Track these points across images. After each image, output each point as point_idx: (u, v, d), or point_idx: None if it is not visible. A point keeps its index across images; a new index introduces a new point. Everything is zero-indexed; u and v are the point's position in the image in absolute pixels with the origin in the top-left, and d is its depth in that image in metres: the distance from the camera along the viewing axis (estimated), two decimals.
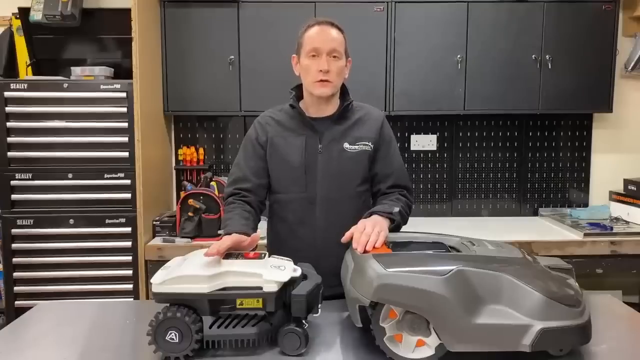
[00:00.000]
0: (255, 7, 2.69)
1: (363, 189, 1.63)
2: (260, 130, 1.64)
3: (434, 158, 3.09)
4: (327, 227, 1.56)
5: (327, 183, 1.57)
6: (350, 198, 1.59)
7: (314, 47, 1.52)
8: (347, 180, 1.59)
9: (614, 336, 1.25)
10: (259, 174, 1.62)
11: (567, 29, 2.73)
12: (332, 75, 1.53)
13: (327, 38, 1.52)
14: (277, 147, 1.60)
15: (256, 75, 2.71)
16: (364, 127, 1.61)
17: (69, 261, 2.55)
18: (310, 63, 1.53)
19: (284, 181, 1.61)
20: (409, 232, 1.40)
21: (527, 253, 1.24)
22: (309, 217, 1.58)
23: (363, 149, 1.59)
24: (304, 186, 1.58)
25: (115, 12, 2.76)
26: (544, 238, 2.56)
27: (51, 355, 1.18)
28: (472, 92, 2.74)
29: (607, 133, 3.10)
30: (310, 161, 1.58)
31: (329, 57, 1.52)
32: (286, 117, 1.64)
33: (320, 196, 1.57)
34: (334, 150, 1.58)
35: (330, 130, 1.59)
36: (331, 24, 1.55)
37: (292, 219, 1.61)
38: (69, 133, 2.53)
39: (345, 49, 1.58)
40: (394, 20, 2.70)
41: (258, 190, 1.62)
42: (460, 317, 1.04)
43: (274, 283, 1.12)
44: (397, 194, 1.61)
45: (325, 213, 1.57)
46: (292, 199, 1.60)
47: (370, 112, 1.66)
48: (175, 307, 1.12)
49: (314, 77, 1.53)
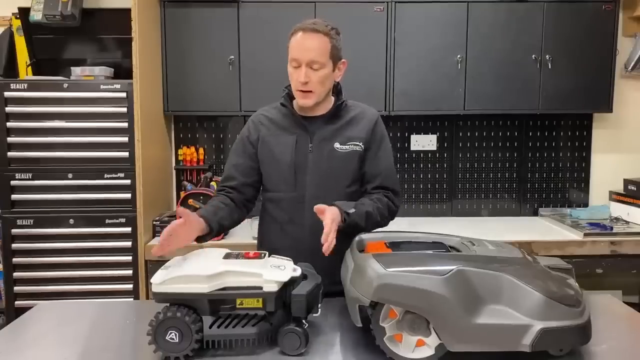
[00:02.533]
0: (255, 7, 2.69)
1: (353, 189, 1.61)
2: (252, 129, 1.64)
3: (434, 158, 3.09)
4: (316, 226, 1.52)
5: (316, 182, 1.57)
6: (339, 198, 1.57)
7: (293, 58, 1.51)
8: (336, 180, 1.58)
9: (614, 336, 1.25)
10: (246, 173, 1.63)
11: (567, 29, 2.73)
12: (312, 85, 1.50)
13: (306, 48, 1.48)
14: (268, 146, 1.60)
15: (256, 75, 2.71)
16: (356, 126, 1.60)
17: (69, 261, 2.55)
18: (292, 71, 1.53)
19: (274, 180, 1.61)
20: (409, 232, 1.40)
21: (527, 253, 1.24)
22: (298, 216, 1.58)
23: (354, 149, 1.58)
24: (294, 185, 1.58)
25: (115, 12, 2.75)
26: (544, 238, 2.56)
27: (51, 355, 1.18)
28: (472, 92, 2.74)
29: (607, 133, 3.10)
30: (300, 160, 1.57)
31: (308, 68, 1.49)
32: (279, 115, 1.63)
33: (309, 195, 1.57)
34: (324, 150, 1.57)
35: (321, 129, 1.58)
36: (315, 30, 1.49)
37: (282, 218, 1.61)
38: (69, 133, 2.53)
39: (333, 53, 1.52)
40: (394, 20, 2.70)
41: (243, 189, 1.62)
42: (460, 317, 1.04)
43: (274, 283, 1.13)
44: (381, 195, 1.59)
45: (314, 212, 1.54)
46: (282, 197, 1.60)
47: (364, 112, 1.64)
48: (175, 307, 1.12)
49: (296, 86, 1.53)
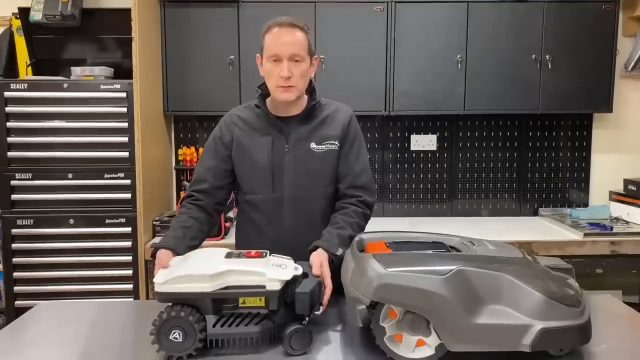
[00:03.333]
0: (255, 7, 2.69)
1: (331, 190, 1.59)
2: (225, 130, 1.61)
3: (434, 158, 3.09)
4: (295, 228, 1.54)
5: (294, 184, 1.55)
6: (318, 198, 1.56)
7: (274, 53, 1.48)
8: (314, 181, 1.56)
9: (614, 336, 1.25)
10: (218, 176, 1.59)
11: (567, 29, 2.73)
12: (294, 80, 1.49)
13: (287, 42, 1.47)
14: (243, 147, 1.58)
15: (256, 75, 2.68)
16: (330, 126, 1.58)
17: (69, 261, 2.55)
18: (272, 67, 1.49)
19: (251, 182, 1.59)
20: (409, 232, 1.40)
21: (527, 253, 1.24)
22: (277, 218, 1.56)
23: (330, 148, 1.56)
24: (271, 187, 1.55)
25: (115, 12, 2.75)
26: (544, 238, 2.56)
27: (51, 355, 1.18)
28: (472, 92, 2.74)
29: (607, 133, 3.10)
30: (277, 162, 1.55)
31: (290, 62, 1.47)
32: (252, 115, 1.61)
33: (287, 196, 1.55)
34: (300, 151, 1.55)
35: (296, 130, 1.56)
36: (292, 24, 1.50)
37: (260, 220, 1.59)
38: (69, 133, 2.53)
39: (309, 49, 1.52)
40: (394, 20, 2.69)
41: (215, 192, 1.59)
42: (461, 317, 1.04)
43: (277, 281, 1.13)
44: (355, 204, 1.55)
45: (293, 214, 1.55)
46: (260, 199, 1.58)
47: (337, 110, 1.61)
48: (178, 306, 1.12)
49: (276, 82, 1.50)
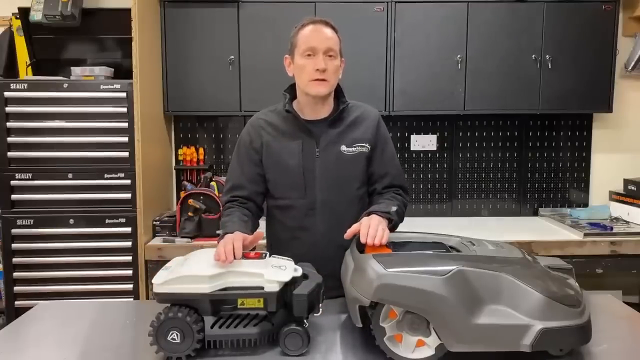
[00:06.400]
0: (255, 7, 2.69)
1: (362, 192, 1.61)
2: (254, 135, 1.60)
3: (434, 158, 3.09)
4: (327, 231, 1.54)
5: (326, 187, 1.55)
6: (350, 201, 1.57)
7: (310, 47, 1.49)
8: (346, 184, 1.57)
9: (614, 336, 1.25)
10: (255, 181, 1.60)
11: (567, 29, 2.73)
12: (328, 74, 1.50)
13: (323, 37, 1.50)
14: (273, 152, 1.57)
15: (256, 75, 2.71)
16: (360, 128, 1.59)
17: (69, 261, 2.55)
18: (305, 62, 1.50)
19: (282, 187, 1.59)
20: (409, 232, 1.40)
21: (527, 253, 1.24)
22: (310, 222, 1.56)
23: (360, 150, 1.57)
24: (303, 191, 1.55)
25: (115, 12, 2.75)
26: (544, 238, 2.56)
27: (51, 355, 1.18)
28: (472, 92, 2.74)
29: (607, 133, 3.09)
30: (308, 166, 1.55)
31: (325, 56, 1.49)
32: (280, 119, 1.60)
33: (320, 201, 1.55)
34: (331, 154, 1.55)
35: (326, 133, 1.56)
36: (326, 23, 1.53)
37: (293, 224, 1.59)
38: (69, 133, 2.53)
39: (340, 49, 1.55)
40: (394, 20, 2.70)
41: (255, 197, 1.60)
42: (461, 317, 1.04)
43: (276, 283, 1.13)
44: (393, 193, 1.60)
45: (326, 217, 1.55)
46: (292, 204, 1.57)
47: (366, 112, 1.63)
48: (176, 307, 1.12)
49: (310, 76, 1.50)
